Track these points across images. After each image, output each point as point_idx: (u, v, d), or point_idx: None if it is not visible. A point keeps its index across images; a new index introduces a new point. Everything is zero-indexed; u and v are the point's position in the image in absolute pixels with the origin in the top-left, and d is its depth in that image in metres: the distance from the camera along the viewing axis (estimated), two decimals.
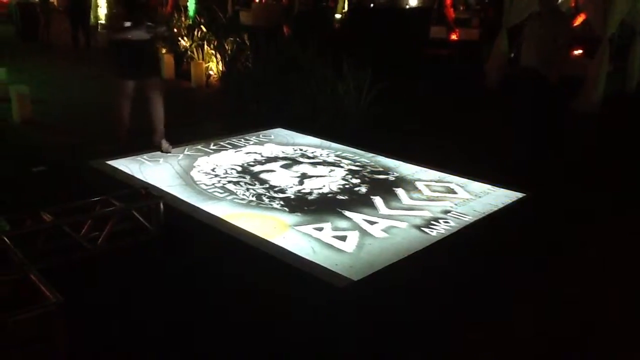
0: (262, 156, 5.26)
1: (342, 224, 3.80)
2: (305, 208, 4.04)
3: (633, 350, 2.65)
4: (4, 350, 2.16)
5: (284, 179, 4.64)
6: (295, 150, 5.48)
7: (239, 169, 4.88)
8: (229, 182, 4.54)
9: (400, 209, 4.09)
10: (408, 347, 2.58)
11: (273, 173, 4.79)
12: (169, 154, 5.18)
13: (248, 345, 2.55)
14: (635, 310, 2.95)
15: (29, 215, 3.29)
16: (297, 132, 6.11)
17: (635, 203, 4.32)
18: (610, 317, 2.87)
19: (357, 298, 2.96)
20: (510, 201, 4.32)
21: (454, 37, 13.66)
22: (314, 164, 5.06)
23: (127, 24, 4.88)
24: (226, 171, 4.80)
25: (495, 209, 4.17)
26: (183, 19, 11.38)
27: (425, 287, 3.08)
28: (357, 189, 4.48)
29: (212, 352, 2.51)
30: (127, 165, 4.83)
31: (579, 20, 8.82)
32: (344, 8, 16.62)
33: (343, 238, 3.57)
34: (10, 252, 2.75)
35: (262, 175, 4.72)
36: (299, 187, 4.46)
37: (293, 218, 3.86)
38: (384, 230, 3.71)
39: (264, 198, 4.20)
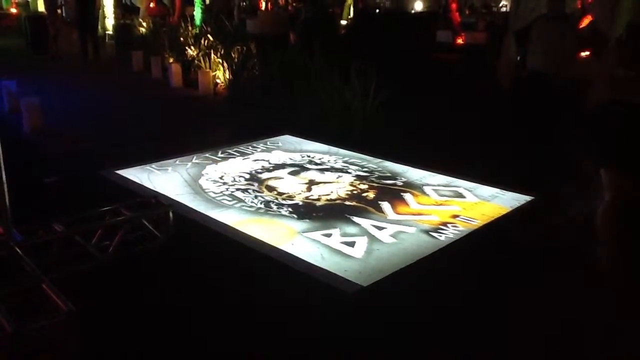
0: (269, 163, 5.28)
1: (351, 229, 3.80)
2: (314, 214, 4.05)
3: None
4: None
5: (292, 185, 4.66)
6: (303, 157, 5.50)
7: (247, 176, 4.91)
8: (237, 189, 4.57)
9: (409, 214, 4.09)
10: (419, 351, 2.58)
11: (281, 180, 4.81)
12: (177, 164, 5.18)
13: (258, 350, 2.56)
14: None
15: (41, 226, 3.33)
16: (304, 138, 6.13)
17: None
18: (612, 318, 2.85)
19: (366, 303, 2.96)
20: (519, 204, 4.30)
21: (460, 41, 13.65)
22: (322, 171, 5.08)
23: None
24: (234, 179, 4.83)
25: (504, 212, 4.15)
26: (190, 28, 11.49)
27: (434, 292, 3.08)
28: (365, 194, 4.48)
29: (223, 357, 2.52)
30: (137, 175, 4.87)
31: (586, 21, 8.79)
32: (349, 14, 16.69)
33: (352, 244, 3.57)
34: (22, 262, 2.79)
35: (270, 182, 4.74)
36: (307, 194, 4.47)
37: (301, 225, 3.87)
38: (393, 236, 3.71)
39: (272, 205, 4.22)
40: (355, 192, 4.53)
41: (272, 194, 4.45)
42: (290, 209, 4.13)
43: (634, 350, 2.64)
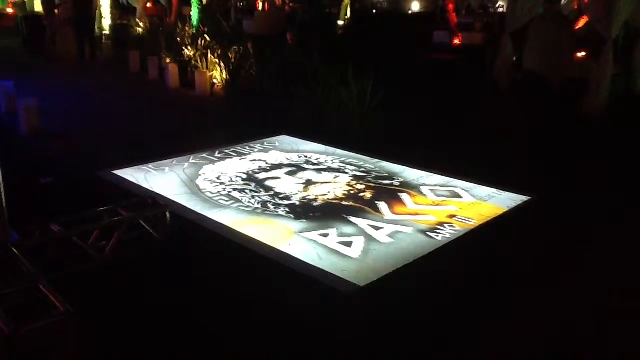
0: (267, 163, 5.29)
1: (348, 229, 3.81)
2: (311, 214, 4.06)
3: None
4: None
5: (289, 185, 4.67)
6: (300, 157, 5.51)
7: (244, 176, 4.91)
8: (235, 189, 4.57)
9: (406, 214, 4.10)
10: (417, 351, 2.58)
11: (278, 180, 4.81)
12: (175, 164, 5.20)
13: (256, 349, 2.56)
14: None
15: (38, 226, 3.32)
16: (301, 139, 6.13)
17: None
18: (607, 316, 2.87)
19: (363, 304, 2.97)
20: (515, 204, 4.32)
21: (457, 41, 13.67)
22: (319, 171, 5.08)
23: None
24: (231, 179, 4.83)
25: (501, 212, 4.17)
26: (187, 28, 11.48)
27: (431, 292, 3.09)
28: (362, 194, 4.49)
29: (221, 356, 2.53)
30: (134, 175, 4.87)
31: (582, 22, 8.82)
32: (346, 14, 16.70)
33: (349, 244, 3.58)
34: (19, 262, 2.79)
35: (267, 183, 4.74)
36: (304, 194, 4.48)
37: (298, 225, 3.87)
38: (390, 236, 3.72)
39: (269, 205, 4.22)
40: (352, 192, 4.54)
41: (269, 194, 4.46)
42: (287, 209, 4.14)
43: (631, 350, 2.65)
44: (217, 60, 9.14)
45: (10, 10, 20.17)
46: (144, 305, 2.91)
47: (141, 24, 13.46)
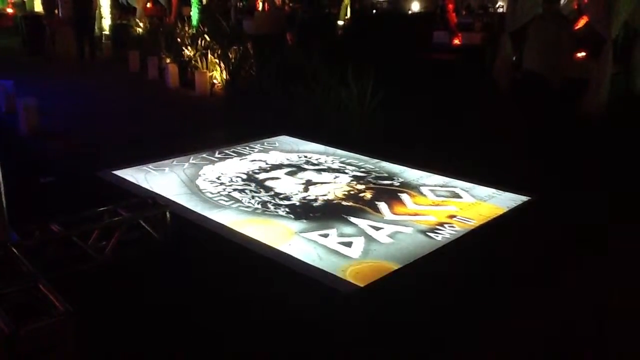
0: (267, 164, 5.29)
1: (348, 230, 3.81)
2: (311, 215, 4.06)
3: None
4: None
5: (289, 186, 4.67)
6: (300, 157, 5.51)
7: (244, 176, 4.91)
8: (235, 190, 4.57)
9: (406, 214, 4.10)
10: (417, 351, 2.59)
11: (278, 180, 4.81)
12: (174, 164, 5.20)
13: (256, 350, 2.56)
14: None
15: (38, 226, 3.32)
16: (301, 139, 6.13)
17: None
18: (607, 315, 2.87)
19: (363, 304, 2.97)
20: (515, 205, 4.32)
21: (456, 41, 13.68)
22: (319, 171, 5.08)
23: None
24: (231, 179, 4.83)
25: (501, 212, 4.17)
26: (187, 28, 11.48)
27: (432, 292, 3.09)
28: (362, 195, 4.49)
29: (221, 356, 2.53)
30: (134, 175, 4.87)
31: (582, 22, 8.82)
32: (346, 15, 16.70)
33: (349, 244, 3.58)
34: (19, 262, 2.79)
35: (267, 183, 4.74)
36: (304, 194, 4.48)
37: (298, 225, 3.87)
38: (390, 236, 3.72)
39: (269, 205, 4.22)
40: (352, 192, 4.54)
41: (269, 195, 4.46)
42: (287, 210, 4.14)
43: (631, 350, 2.65)
44: (217, 60, 9.14)
45: (10, 10, 20.17)
46: (144, 305, 2.91)
47: (141, 24, 13.46)
